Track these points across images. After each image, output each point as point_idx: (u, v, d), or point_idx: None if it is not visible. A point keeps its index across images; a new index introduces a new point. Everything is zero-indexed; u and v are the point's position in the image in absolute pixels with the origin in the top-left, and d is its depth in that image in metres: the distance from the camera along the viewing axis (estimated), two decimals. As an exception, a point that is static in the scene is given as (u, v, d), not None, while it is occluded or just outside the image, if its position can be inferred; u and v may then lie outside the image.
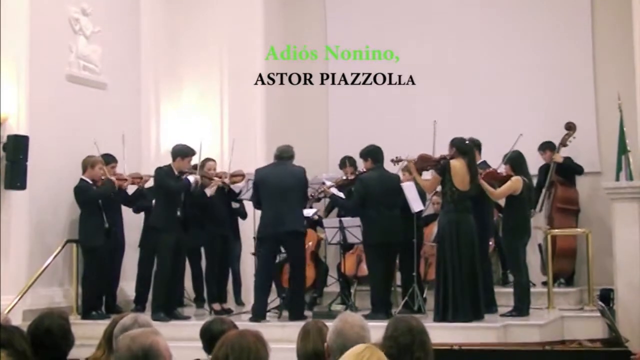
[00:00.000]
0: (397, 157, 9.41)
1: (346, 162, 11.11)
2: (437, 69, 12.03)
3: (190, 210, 9.70)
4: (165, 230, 9.39)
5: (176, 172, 9.50)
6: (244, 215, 10.48)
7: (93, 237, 9.62)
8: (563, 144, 10.87)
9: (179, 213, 9.49)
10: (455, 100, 11.85)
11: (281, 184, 9.07)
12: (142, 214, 10.40)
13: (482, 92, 11.84)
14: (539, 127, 11.22)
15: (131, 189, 10.29)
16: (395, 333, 3.71)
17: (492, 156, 9.79)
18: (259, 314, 9.01)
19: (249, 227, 10.34)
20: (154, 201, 9.83)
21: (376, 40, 12.38)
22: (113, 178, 9.78)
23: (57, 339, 4.40)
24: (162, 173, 9.54)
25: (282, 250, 9.54)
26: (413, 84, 12.06)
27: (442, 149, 9.14)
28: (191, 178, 9.48)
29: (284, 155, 9.29)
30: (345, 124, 12.39)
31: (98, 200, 9.75)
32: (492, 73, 11.87)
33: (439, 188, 9.11)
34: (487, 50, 11.95)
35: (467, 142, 8.80)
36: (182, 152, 9.56)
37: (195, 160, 9.80)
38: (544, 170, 10.87)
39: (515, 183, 8.91)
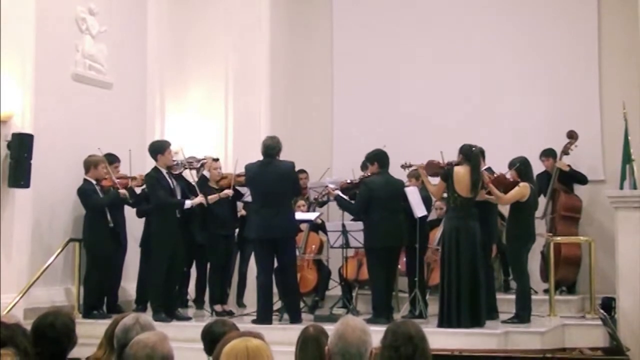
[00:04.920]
0: (407, 163, 9.43)
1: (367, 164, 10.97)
2: (441, 73, 12.04)
3: (193, 210, 9.68)
4: (161, 232, 9.36)
5: (164, 170, 9.45)
6: None
7: (98, 240, 9.65)
8: (565, 152, 10.88)
9: (177, 214, 9.48)
10: (459, 107, 11.86)
11: (270, 186, 8.96)
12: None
13: (487, 99, 11.86)
14: (544, 135, 11.24)
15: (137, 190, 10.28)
16: (396, 343, 3.69)
17: (496, 163, 9.79)
18: (264, 318, 8.96)
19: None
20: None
21: (382, 40, 12.42)
22: (123, 191, 9.74)
23: (59, 334, 4.42)
24: (152, 181, 9.44)
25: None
26: (418, 88, 12.11)
27: (449, 157, 9.14)
28: (188, 203, 9.42)
29: (271, 151, 9.12)
30: (350, 127, 12.40)
31: (104, 207, 9.77)
32: (496, 80, 11.88)
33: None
34: (493, 57, 11.95)
35: (473, 148, 8.80)
36: (160, 148, 9.51)
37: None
38: (543, 177, 10.85)
39: (523, 189, 8.91)
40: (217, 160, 10.24)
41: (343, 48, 12.74)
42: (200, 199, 9.54)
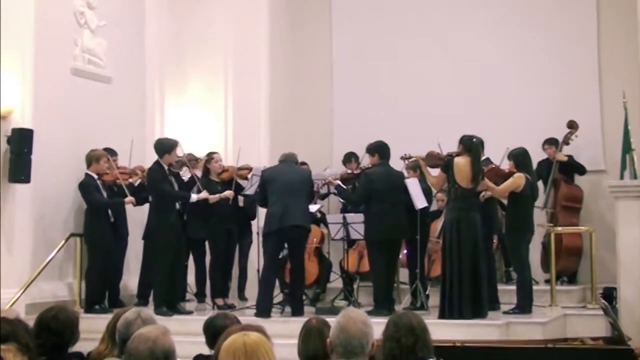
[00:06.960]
0: (406, 154, 9.44)
1: (351, 158, 11.11)
2: (442, 65, 12.04)
3: (194, 204, 9.68)
4: (163, 227, 9.37)
5: (166, 167, 9.45)
6: (253, 216, 10.46)
7: (99, 235, 9.66)
8: (565, 142, 10.89)
9: (177, 206, 9.53)
10: (458, 99, 11.86)
11: (290, 180, 9.12)
12: (146, 207, 10.29)
13: (487, 90, 11.84)
14: (544, 124, 11.24)
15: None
16: (397, 334, 3.71)
17: (497, 154, 9.80)
18: (264, 310, 9.01)
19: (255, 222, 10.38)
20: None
21: (381, 32, 12.40)
22: (130, 198, 9.80)
23: (61, 327, 4.53)
24: (156, 175, 9.43)
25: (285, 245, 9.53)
26: (417, 80, 12.10)
27: (449, 149, 9.14)
28: (194, 197, 9.49)
29: (290, 159, 9.39)
30: (350, 119, 12.39)
31: (106, 208, 9.79)
32: (496, 70, 11.87)
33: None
34: (492, 47, 11.95)
35: (474, 139, 8.79)
36: (167, 148, 9.46)
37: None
38: (544, 165, 10.87)
39: (517, 180, 8.90)
40: (217, 153, 10.22)
41: (342, 40, 12.72)
42: (205, 194, 9.57)
